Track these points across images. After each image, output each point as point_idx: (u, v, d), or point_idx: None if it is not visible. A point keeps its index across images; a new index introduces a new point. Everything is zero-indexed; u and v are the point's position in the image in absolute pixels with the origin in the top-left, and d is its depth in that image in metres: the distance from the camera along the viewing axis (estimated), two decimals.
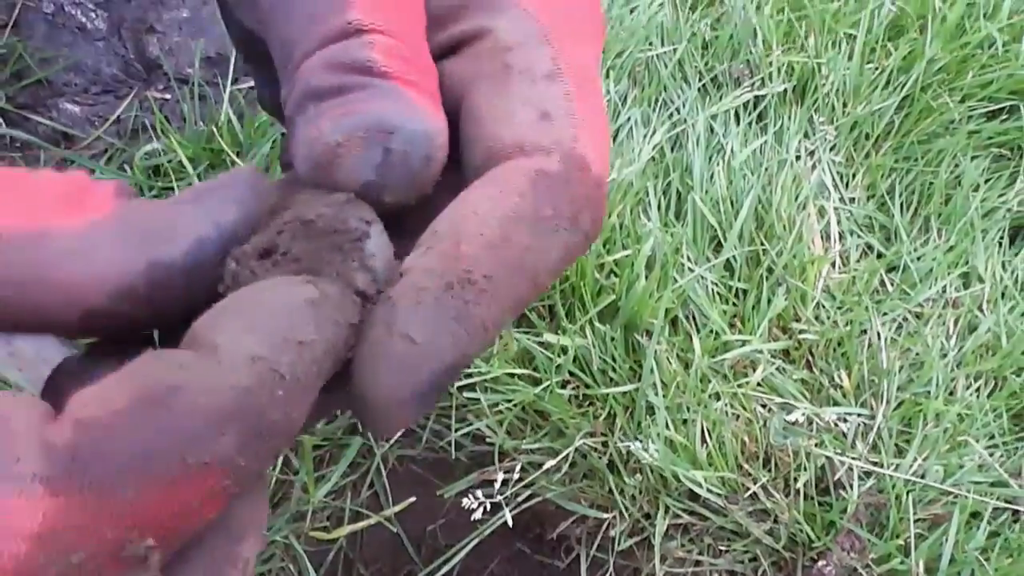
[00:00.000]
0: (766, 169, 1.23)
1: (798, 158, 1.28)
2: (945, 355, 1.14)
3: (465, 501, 0.94)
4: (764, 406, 1.07)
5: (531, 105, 0.30)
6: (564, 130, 0.30)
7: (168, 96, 1.26)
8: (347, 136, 0.27)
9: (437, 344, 0.25)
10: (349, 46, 0.28)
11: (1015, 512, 1.01)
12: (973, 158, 1.35)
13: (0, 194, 0.25)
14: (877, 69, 1.37)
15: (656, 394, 1.01)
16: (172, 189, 1.08)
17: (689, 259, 1.13)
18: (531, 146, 0.29)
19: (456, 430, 1.02)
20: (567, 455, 0.97)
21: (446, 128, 0.29)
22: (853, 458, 1.03)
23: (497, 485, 0.96)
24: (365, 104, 0.28)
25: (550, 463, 0.97)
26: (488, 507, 0.96)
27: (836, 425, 1.05)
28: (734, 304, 1.14)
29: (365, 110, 0.27)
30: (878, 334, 1.14)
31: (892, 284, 1.21)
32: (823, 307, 1.15)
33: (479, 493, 0.95)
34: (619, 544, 1.00)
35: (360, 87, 0.28)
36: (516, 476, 0.97)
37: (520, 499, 1.00)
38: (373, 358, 0.25)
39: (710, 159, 1.25)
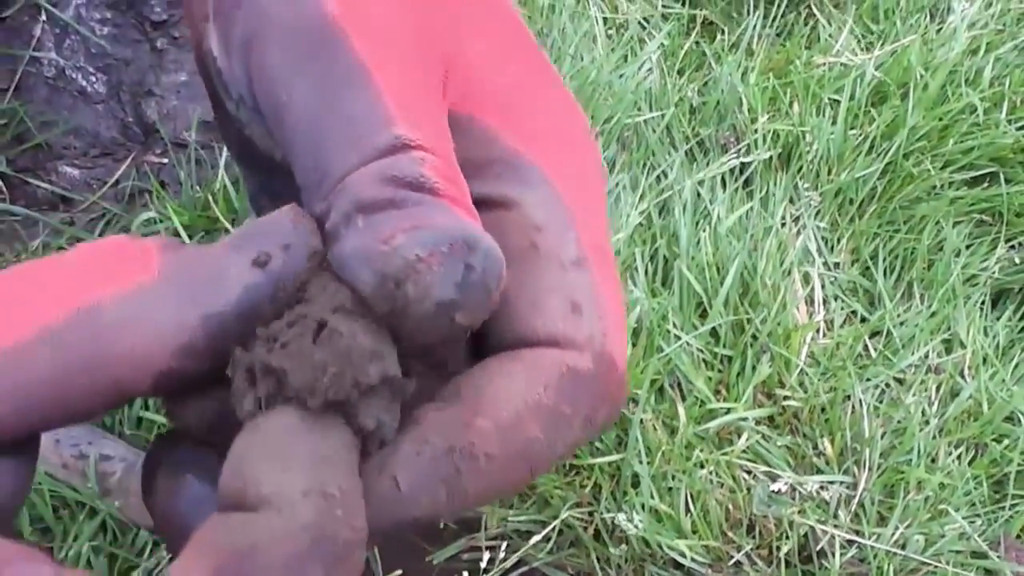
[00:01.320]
0: (752, 235, 1.25)
1: (783, 224, 1.30)
2: (927, 422, 1.16)
3: None
4: (749, 473, 1.09)
5: (562, 295, 0.30)
6: (594, 325, 0.30)
7: (165, 160, 1.28)
8: (429, 251, 0.26)
9: (417, 497, 0.26)
10: (399, 161, 0.27)
11: None
12: (955, 224, 1.38)
13: (44, 280, 0.25)
14: (860, 136, 1.40)
15: (641, 463, 1.03)
16: None
17: (675, 326, 1.16)
18: (564, 340, 0.29)
19: None
20: (555, 527, 0.99)
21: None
22: (835, 527, 1.05)
23: (484, 562, 0.97)
24: (432, 219, 0.26)
25: (537, 537, 0.98)
26: None
27: (819, 493, 1.07)
28: (719, 371, 1.16)
29: (440, 224, 0.26)
30: (861, 401, 1.16)
31: (875, 350, 1.24)
32: (807, 374, 1.17)
33: (465, 573, 0.96)
34: None
35: (416, 203, 0.27)
36: (504, 547, 0.99)
37: (508, 565, 1.02)
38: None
39: (697, 224, 1.27)
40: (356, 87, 0.28)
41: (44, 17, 1.28)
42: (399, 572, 0.98)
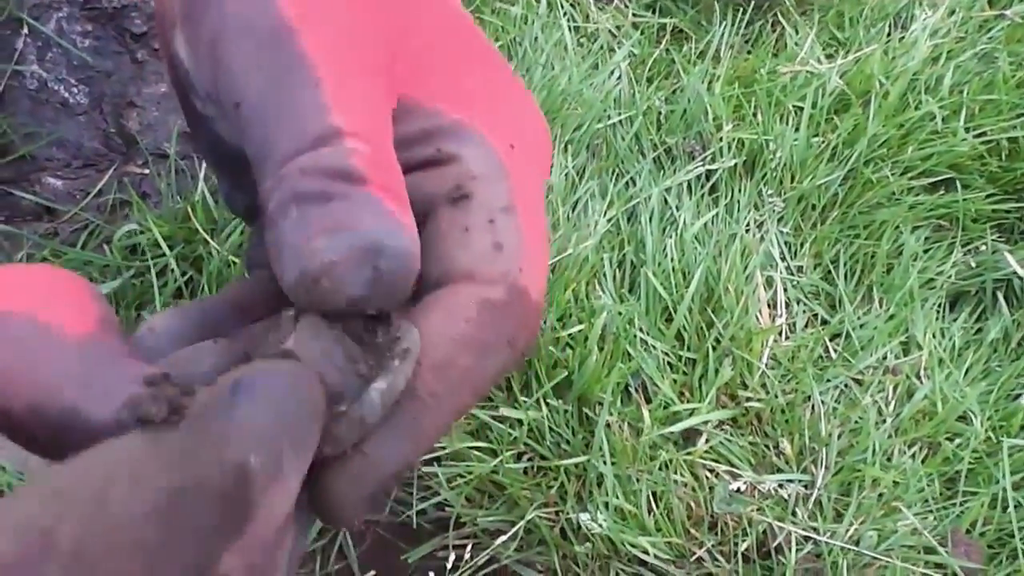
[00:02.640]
0: (716, 241, 1.30)
1: (747, 230, 1.35)
2: (884, 422, 1.21)
3: None
4: (711, 472, 1.13)
5: (487, 236, 0.34)
6: (512, 262, 0.34)
7: (147, 171, 1.31)
8: (343, 254, 0.30)
9: (384, 456, 0.31)
10: (330, 152, 0.31)
11: None
12: (913, 229, 1.42)
13: None
14: (823, 143, 1.45)
15: (605, 464, 1.07)
16: (148, 268, 1.13)
17: (641, 331, 1.20)
18: (481, 275, 0.34)
19: (421, 498, 1.08)
20: (521, 527, 1.03)
21: (418, 240, 0.32)
22: (793, 524, 1.10)
23: (451, 559, 1.01)
24: (351, 218, 0.30)
25: (505, 536, 1.02)
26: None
27: (777, 492, 1.12)
28: (684, 374, 1.20)
29: (355, 226, 0.30)
30: (820, 402, 1.20)
31: (835, 352, 1.28)
32: (768, 376, 1.21)
33: (432, 572, 1.01)
34: None
35: (342, 196, 0.30)
36: (473, 545, 1.03)
37: (480, 563, 1.06)
38: (331, 469, 0.31)
39: (663, 231, 1.31)
40: (300, 79, 0.32)
41: (26, 30, 1.30)
42: (372, 572, 1.02)
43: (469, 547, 1.05)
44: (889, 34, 1.67)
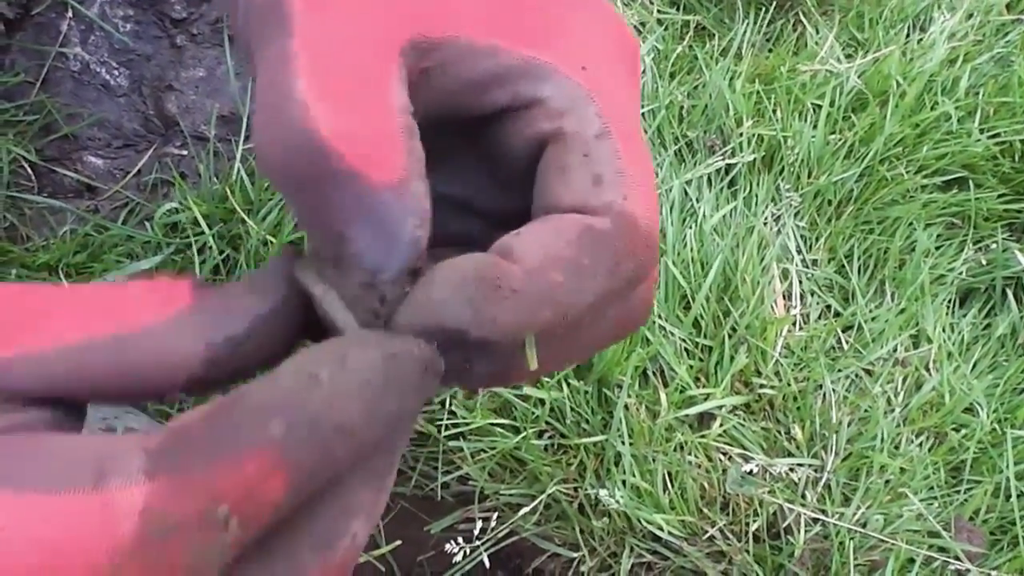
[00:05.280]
0: (734, 233, 1.34)
1: (765, 223, 1.39)
2: (892, 411, 1.25)
3: (448, 546, 1.04)
4: (724, 454, 1.17)
5: (585, 170, 0.34)
6: (614, 192, 0.34)
7: (184, 152, 1.36)
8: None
9: (444, 306, 0.31)
10: (290, 118, 0.31)
11: (945, 561, 1.11)
12: (926, 226, 1.46)
13: (92, 301, 0.32)
14: (840, 141, 1.49)
15: (623, 443, 1.11)
16: (189, 245, 1.18)
17: (660, 317, 1.24)
18: (586, 208, 0.34)
19: (445, 472, 1.13)
20: (542, 500, 1.08)
21: (412, 199, 0.32)
22: (802, 506, 1.14)
23: (476, 529, 1.06)
24: (353, 232, 0.32)
25: (526, 508, 1.07)
26: (470, 547, 1.06)
27: (788, 475, 1.16)
28: (700, 360, 1.25)
29: (363, 253, 0.32)
30: (831, 390, 1.24)
31: (847, 343, 1.32)
32: (781, 364, 1.25)
33: (460, 539, 1.05)
34: None
35: (323, 185, 0.32)
36: (495, 518, 1.07)
37: (500, 535, 1.10)
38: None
39: (684, 222, 1.35)
40: (277, 33, 0.33)
41: (70, 14, 1.34)
42: (398, 542, 1.07)
43: (492, 520, 1.09)
44: (908, 36, 1.71)
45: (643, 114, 1.48)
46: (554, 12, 0.38)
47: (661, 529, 1.09)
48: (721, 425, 1.18)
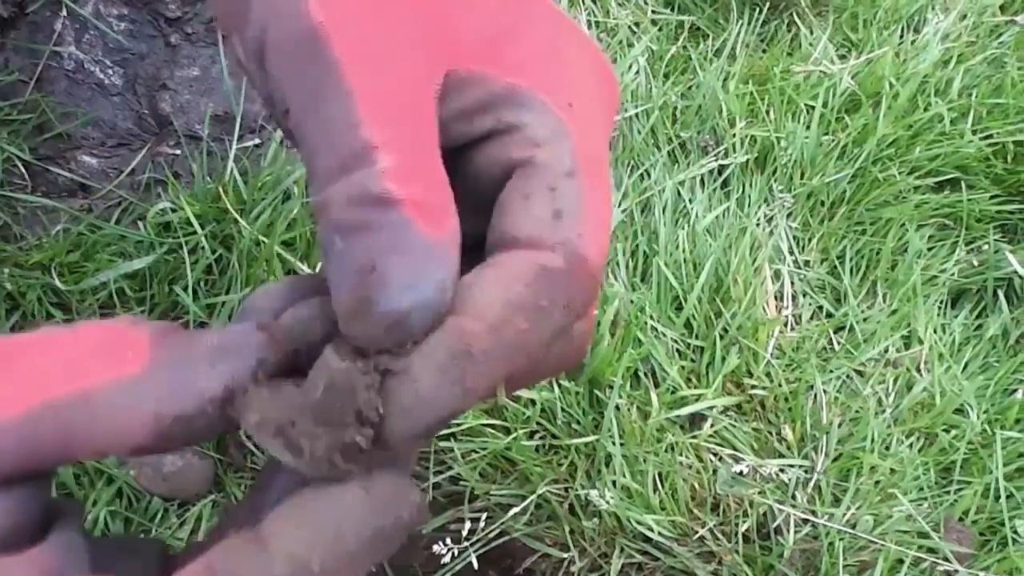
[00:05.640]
0: (727, 234, 1.34)
1: (757, 224, 1.39)
2: (883, 412, 1.26)
3: (436, 547, 1.04)
4: (715, 455, 1.18)
5: (548, 204, 0.35)
6: (571, 229, 0.35)
7: (178, 152, 1.36)
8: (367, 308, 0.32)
9: (434, 399, 0.31)
10: (362, 176, 0.32)
11: (934, 562, 1.12)
12: (918, 227, 1.47)
13: (45, 359, 0.32)
14: (833, 142, 1.49)
15: (614, 444, 1.12)
16: (181, 245, 1.18)
17: (652, 318, 1.24)
18: (541, 243, 0.34)
19: (436, 472, 1.13)
20: (532, 501, 1.08)
21: (454, 260, 0.33)
22: (792, 507, 1.14)
23: (465, 530, 1.06)
24: (386, 260, 0.32)
25: (516, 509, 1.07)
26: (459, 548, 1.07)
27: (778, 475, 1.16)
28: (692, 361, 1.25)
29: (387, 279, 0.32)
30: (823, 391, 1.25)
31: (839, 344, 1.33)
32: (773, 365, 1.26)
33: (448, 540, 1.06)
34: None
35: (378, 226, 0.32)
36: (485, 518, 1.08)
37: (491, 535, 1.11)
38: (389, 404, 0.33)
39: (676, 222, 1.36)
40: (333, 92, 0.33)
41: (65, 13, 1.34)
42: None
43: (482, 520, 1.09)
44: (901, 37, 1.71)
45: (637, 115, 1.48)
46: (547, 38, 0.38)
47: (651, 530, 1.10)
48: (712, 426, 1.18)
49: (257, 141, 1.37)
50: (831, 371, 1.28)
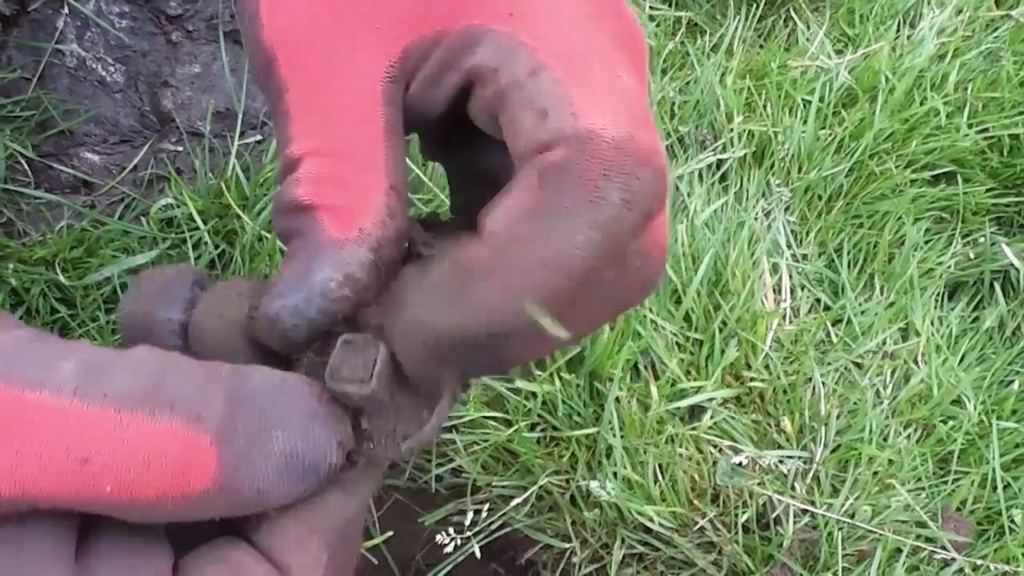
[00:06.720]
0: (725, 228, 1.35)
1: (755, 218, 1.40)
2: (881, 403, 1.27)
3: (439, 537, 1.05)
4: (715, 447, 1.19)
5: (527, 109, 0.31)
6: (562, 118, 0.30)
7: (180, 148, 1.37)
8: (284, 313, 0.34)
9: (428, 318, 0.31)
10: (285, 187, 0.34)
11: (932, 551, 1.13)
12: (915, 220, 1.48)
13: (109, 473, 0.29)
14: (830, 136, 1.50)
15: (615, 436, 1.13)
16: (184, 240, 1.19)
17: (651, 311, 1.25)
18: (539, 146, 0.31)
19: (438, 464, 1.14)
20: (533, 492, 1.09)
21: (357, 257, 0.33)
22: (791, 497, 1.15)
23: (467, 521, 1.07)
24: (285, 266, 0.34)
25: (518, 500, 1.09)
26: (461, 539, 1.08)
27: (777, 467, 1.17)
28: (691, 353, 1.26)
29: (275, 286, 0.34)
30: (821, 383, 1.26)
31: (836, 336, 1.34)
32: (772, 358, 1.27)
33: (451, 530, 1.07)
34: (580, 571, 1.12)
35: (297, 233, 0.34)
36: (487, 509, 1.09)
37: (493, 527, 1.12)
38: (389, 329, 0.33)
39: (675, 217, 1.37)
40: (279, 114, 0.35)
41: (67, 11, 1.35)
42: (391, 533, 1.08)
43: (484, 511, 1.10)
44: (898, 31, 1.72)
45: None
46: None
47: (652, 520, 1.11)
48: (712, 417, 1.19)
49: (259, 137, 1.38)
50: (829, 363, 1.29)
